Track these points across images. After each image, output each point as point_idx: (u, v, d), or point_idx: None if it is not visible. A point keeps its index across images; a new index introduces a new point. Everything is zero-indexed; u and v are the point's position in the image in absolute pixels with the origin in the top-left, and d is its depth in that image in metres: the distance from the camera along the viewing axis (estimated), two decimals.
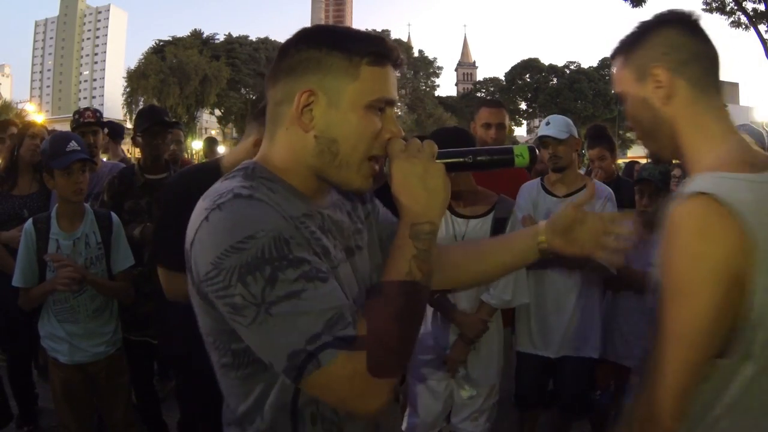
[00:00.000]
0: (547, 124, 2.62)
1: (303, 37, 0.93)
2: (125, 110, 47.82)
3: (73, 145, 2.29)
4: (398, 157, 0.91)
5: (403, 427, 2.48)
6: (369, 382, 0.81)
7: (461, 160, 0.99)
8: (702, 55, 1.04)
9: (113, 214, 2.49)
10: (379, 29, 63.77)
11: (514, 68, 57.54)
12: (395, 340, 0.83)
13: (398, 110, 57.81)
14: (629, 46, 1.10)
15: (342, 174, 0.93)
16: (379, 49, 0.91)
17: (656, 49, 1.05)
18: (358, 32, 0.94)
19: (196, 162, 7.40)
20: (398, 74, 0.99)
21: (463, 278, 1.22)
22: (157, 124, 2.82)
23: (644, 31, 1.08)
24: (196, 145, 26.61)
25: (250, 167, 0.94)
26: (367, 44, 0.90)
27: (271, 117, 0.96)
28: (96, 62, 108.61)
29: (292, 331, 0.79)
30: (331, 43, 0.90)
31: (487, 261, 1.18)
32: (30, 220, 2.37)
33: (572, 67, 55.83)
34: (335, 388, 0.81)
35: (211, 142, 8.13)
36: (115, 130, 4.43)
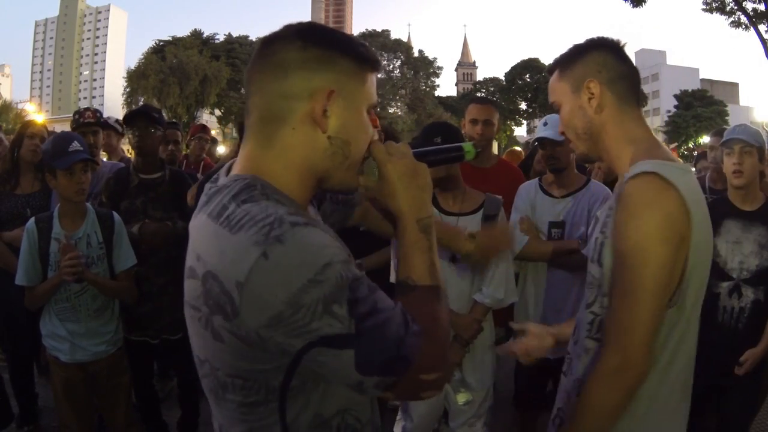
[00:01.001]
0: (545, 124, 2.59)
1: (310, 32, 0.90)
2: (125, 110, 47.67)
3: (75, 145, 2.30)
4: (388, 160, 0.94)
5: (397, 431, 2.47)
6: (439, 357, 0.86)
7: (426, 158, 1.08)
8: (626, 75, 1.26)
9: (115, 214, 2.50)
10: (379, 29, 63.72)
11: (514, 68, 57.53)
12: (446, 320, 0.89)
13: (398, 110, 57.83)
14: (566, 63, 1.30)
15: (346, 175, 0.94)
16: (377, 58, 0.95)
17: (591, 66, 1.26)
18: (357, 39, 0.97)
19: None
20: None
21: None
22: (139, 116, 2.81)
23: (580, 52, 1.29)
24: None
25: (258, 185, 0.87)
26: (369, 52, 0.94)
27: (268, 114, 0.89)
28: (96, 62, 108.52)
29: (384, 341, 0.81)
30: (342, 45, 0.91)
31: None
32: (32, 220, 2.37)
33: None
34: (421, 382, 0.84)
35: (211, 142, 8.14)
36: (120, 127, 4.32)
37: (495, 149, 3.86)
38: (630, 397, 1.13)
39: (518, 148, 7.19)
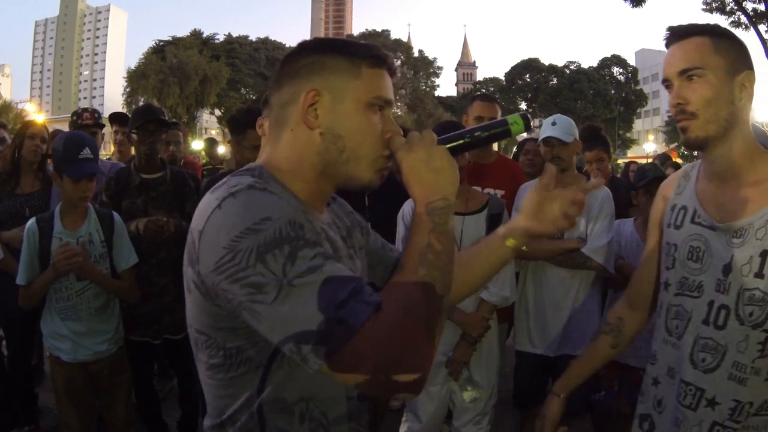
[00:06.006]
0: (553, 124, 2.56)
1: (306, 46, 1.00)
2: (125, 110, 47.68)
3: (86, 152, 2.28)
4: (402, 149, 0.95)
5: None
6: (403, 348, 0.77)
7: (461, 141, 1.04)
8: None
9: (115, 214, 2.50)
10: (379, 29, 63.75)
11: (514, 68, 57.53)
12: (422, 307, 0.81)
13: (398, 110, 57.77)
14: (724, 36, 1.24)
15: (350, 168, 0.97)
16: (377, 53, 0.98)
17: (747, 56, 1.26)
18: (356, 41, 1.03)
19: (203, 162, 7.39)
20: (398, 76, 1.01)
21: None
22: (151, 121, 2.81)
23: (732, 36, 1.27)
24: (197, 145, 26.62)
25: (257, 169, 0.96)
26: (366, 49, 0.98)
27: (276, 120, 1.00)
28: (96, 62, 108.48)
29: (319, 299, 0.78)
30: (334, 48, 0.98)
31: (466, 269, 1.16)
32: (33, 219, 2.37)
33: (572, 67, 55.81)
34: (370, 355, 0.76)
35: (211, 143, 8.17)
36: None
37: (494, 147, 3.85)
38: None
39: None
